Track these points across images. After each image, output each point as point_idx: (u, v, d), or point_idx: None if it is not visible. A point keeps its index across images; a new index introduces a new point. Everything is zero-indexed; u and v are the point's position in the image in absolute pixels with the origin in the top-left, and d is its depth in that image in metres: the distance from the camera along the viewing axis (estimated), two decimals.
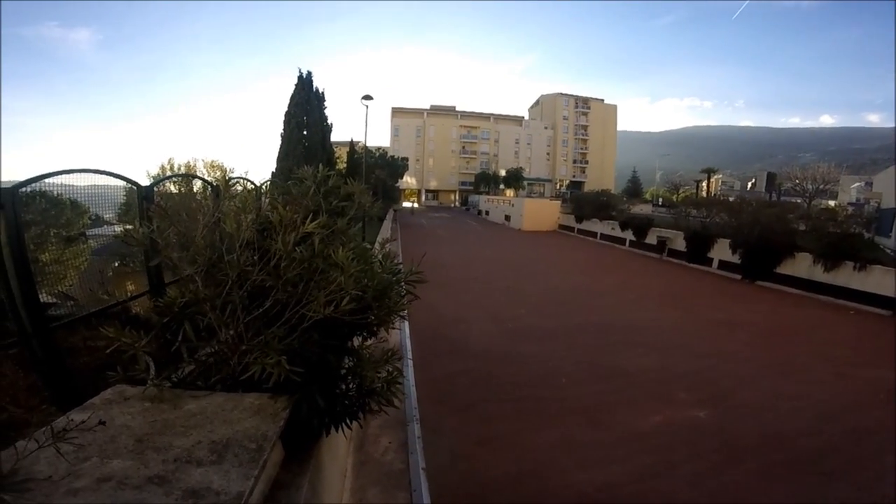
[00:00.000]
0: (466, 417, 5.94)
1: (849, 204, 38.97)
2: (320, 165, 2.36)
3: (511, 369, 7.54)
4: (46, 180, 3.15)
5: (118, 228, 4.99)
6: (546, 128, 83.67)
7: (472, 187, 71.50)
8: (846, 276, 13.68)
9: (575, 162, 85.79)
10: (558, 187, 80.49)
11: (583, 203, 33.09)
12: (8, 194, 2.79)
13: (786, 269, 15.67)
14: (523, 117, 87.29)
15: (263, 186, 4.23)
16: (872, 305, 12.64)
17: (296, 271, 1.86)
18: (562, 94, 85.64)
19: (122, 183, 3.92)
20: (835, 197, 47.58)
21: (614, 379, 7.29)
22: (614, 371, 7.60)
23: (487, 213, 46.40)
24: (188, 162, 21.98)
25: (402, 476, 4.49)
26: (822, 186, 43.08)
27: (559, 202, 41.12)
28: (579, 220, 32.11)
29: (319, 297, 1.80)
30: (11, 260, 2.78)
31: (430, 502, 4.10)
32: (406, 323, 9.11)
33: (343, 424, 2.27)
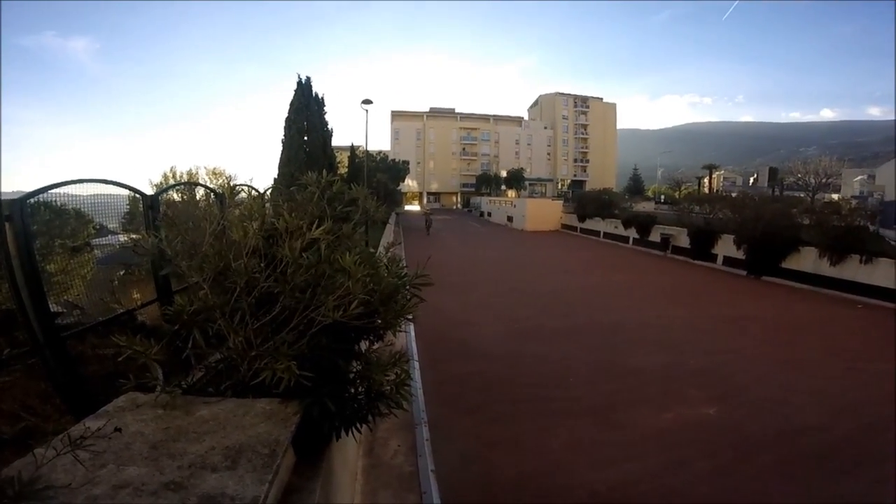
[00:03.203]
0: (476, 419, 5.93)
1: (852, 197, 38.68)
2: (323, 171, 2.38)
3: (521, 370, 7.54)
4: (51, 190, 3.18)
5: (122, 238, 5.03)
6: (546, 127, 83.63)
7: (473, 189, 71.53)
8: (852, 270, 13.61)
9: (576, 161, 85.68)
10: (560, 187, 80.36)
11: (585, 202, 33.04)
12: (16, 206, 2.82)
13: (791, 263, 15.60)
14: (523, 118, 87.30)
15: (267, 193, 4.26)
16: (880, 299, 12.56)
17: (303, 277, 1.88)
18: (560, 93, 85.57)
19: (125, 192, 3.95)
20: (838, 190, 47.34)
21: (625, 378, 7.27)
22: (624, 370, 7.58)
23: (490, 214, 46.41)
24: (190, 170, 22.16)
25: (412, 479, 4.50)
26: (824, 180, 43.00)
27: (561, 202, 41.12)
28: (582, 219, 32.07)
29: (328, 302, 1.82)
30: (21, 271, 2.81)
31: None
32: (412, 325, 9.12)
33: (353, 428, 2.28)
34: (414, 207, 69.97)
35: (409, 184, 70.46)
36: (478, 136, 79.54)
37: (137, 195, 4.04)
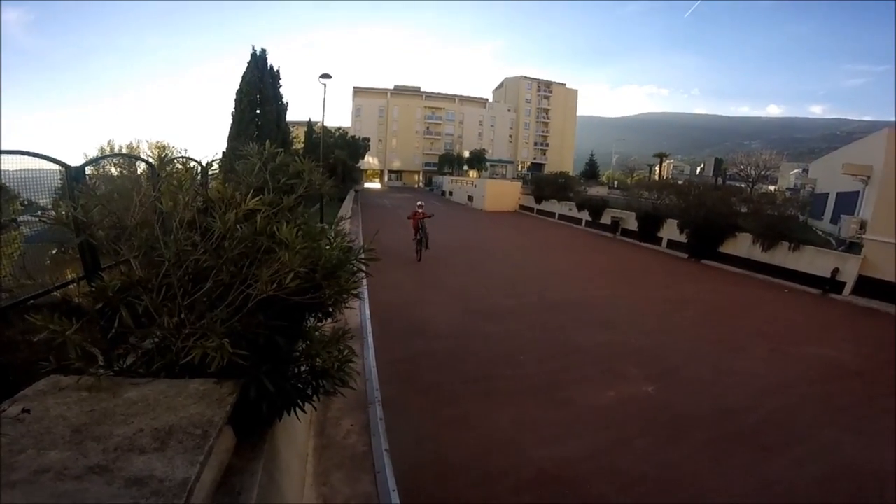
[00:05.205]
0: (430, 398, 5.97)
1: (787, 189, 41.77)
2: (267, 142, 2.26)
3: (474, 349, 7.66)
4: None
5: (54, 214, 4.62)
6: (509, 110, 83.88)
7: (436, 168, 71.07)
8: (781, 256, 14.68)
9: (536, 144, 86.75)
10: (520, 169, 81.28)
11: (542, 184, 33.83)
12: None
13: (728, 248, 16.62)
14: (487, 99, 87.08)
15: (214, 164, 4.01)
16: (804, 284, 13.65)
17: (238, 250, 1.79)
18: (525, 77, 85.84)
19: (56, 166, 3.64)
20: (775, 182, 50.78)
21: (572, 356, 7.54)
22: (572, 348, 7.87)
23: (451, 193, 46.40)
24: (130, 143, 20.72)
25: (365, 458, 4.49)
26: (763, 172, 45.88)
27: (520, 183, 41.65)
28: (539, 200, 32.76)
29: (263, 276, 1.74)
30: None
31: (395, 484, 4.12)
32: (366, 304, 9.04)
33: (296, 408, 2.24)
34: (375, 185, 68.66)
35: (371, 161, 68.96)
36: (442, 115, 78.61)
37: (61, 167, 3.71)
